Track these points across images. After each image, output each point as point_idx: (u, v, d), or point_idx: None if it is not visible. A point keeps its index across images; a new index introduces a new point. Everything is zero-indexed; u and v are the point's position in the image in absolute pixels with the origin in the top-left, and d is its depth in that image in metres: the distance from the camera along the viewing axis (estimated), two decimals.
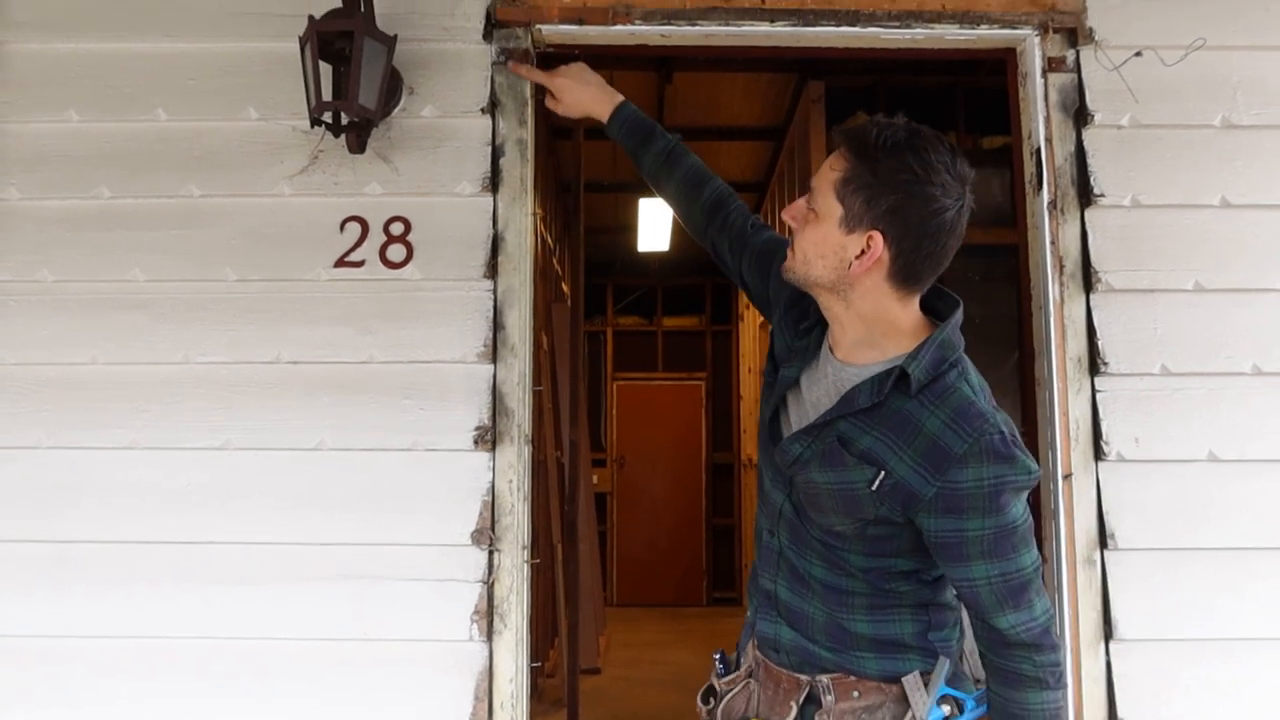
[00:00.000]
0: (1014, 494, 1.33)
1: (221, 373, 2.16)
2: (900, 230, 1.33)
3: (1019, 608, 1.34)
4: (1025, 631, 1.34)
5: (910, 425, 1.34)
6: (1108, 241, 2.18)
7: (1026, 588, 1.34)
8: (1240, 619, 2.09)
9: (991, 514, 1.32)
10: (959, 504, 1.32)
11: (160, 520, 2.13)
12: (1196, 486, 2.12)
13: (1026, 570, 1.34)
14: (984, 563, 1.33)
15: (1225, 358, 2.15)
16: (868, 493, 1.36)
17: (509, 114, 2.21)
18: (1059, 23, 2.23)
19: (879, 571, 1.43)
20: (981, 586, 1.34)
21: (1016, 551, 1.34)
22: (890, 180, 1.31)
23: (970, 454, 1.30)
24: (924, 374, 1.34)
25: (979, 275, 4.65)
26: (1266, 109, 2.23)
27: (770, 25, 2.23)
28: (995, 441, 1.31)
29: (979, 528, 1.32)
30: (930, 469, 1.32)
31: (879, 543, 1.41)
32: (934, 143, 1.34)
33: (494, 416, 2.13)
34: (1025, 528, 1.35)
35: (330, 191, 2.20)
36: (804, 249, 1.40)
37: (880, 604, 1.44)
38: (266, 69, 2.22)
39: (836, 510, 1.40)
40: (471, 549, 2.10)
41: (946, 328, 1.38)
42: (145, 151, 2.22)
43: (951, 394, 1.35)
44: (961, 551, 1.34)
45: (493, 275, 2.16)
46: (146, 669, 2.09)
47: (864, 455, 1.36)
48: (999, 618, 1.34)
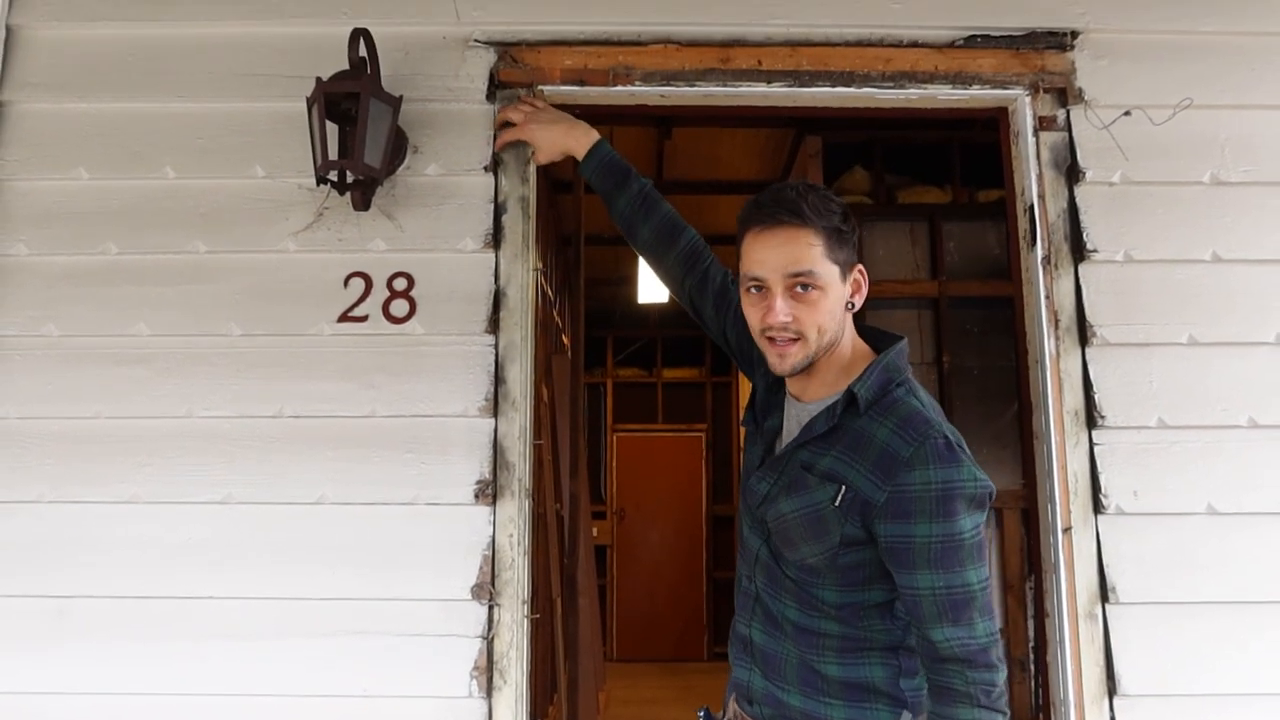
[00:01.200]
0: (964, 502, 1.35)
1: (224, 427, 2.17)
2: (859, 252, 1.50)
3: (958, 623, 1.35)
4: (960, 647, 1.35)
5: (863, 439, 1.41)
6: (1102, 296, 2.21)
7: (969, 604, 1.36)
8: (1245, 674, 2.08)
9: (939, 519, 1.35)
10: (907, 508, 1.36)
11: (160, 575, 2.12)
12: (1196, 539, 2.12)
13: (972, 587, 1.36)
14: (929, 572, 1.36)
15: (1221, 410, 2.17)
16: (832, 510, 1.41)
17: (511, 172, 2.25)
18: (1049, 83, 2.28)
19: (852, 608, 1.45)
20: (924, 595, 1.36)
21: (963, 566, 1.36)
22: (846, 224, 1.48)
23: (916, 457, 1.36)
24: (870, 393, 1.43)
25: (976, 327, 4.68)
26: (1254, 166, 2.28)
27: (767, 86, 2.29)
28: (940, 445, 1.36)
29: (926, 534, 1.35)
30: (881, 475, 1.38)
31: (850, 572, 1.44)
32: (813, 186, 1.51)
33: (495, 470, 2.14)
34: (974, 544, 1.37)
35: (335, 248, 2.23)
36: (818, 324, 1.47)
37: (851, 646, 1.46)
38: (273, 128, 2.27)
39: (806, 538, 1.45)
40: (472, 604, 2.09)
41: (890, 353, 1.48)
42: (153, 208, 2.26)
43: (899, 405, 1.43)
44: (909, 558, 1.37)
45: (494, 330, 2.19)
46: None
47: (825, 474, 1.43)
48: (935, 629, 1.36)
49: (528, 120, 2.12)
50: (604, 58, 2.28)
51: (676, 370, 8.49)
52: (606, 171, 2.00)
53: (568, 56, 2.28)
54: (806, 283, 1.45)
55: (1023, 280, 2.28)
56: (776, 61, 2.28)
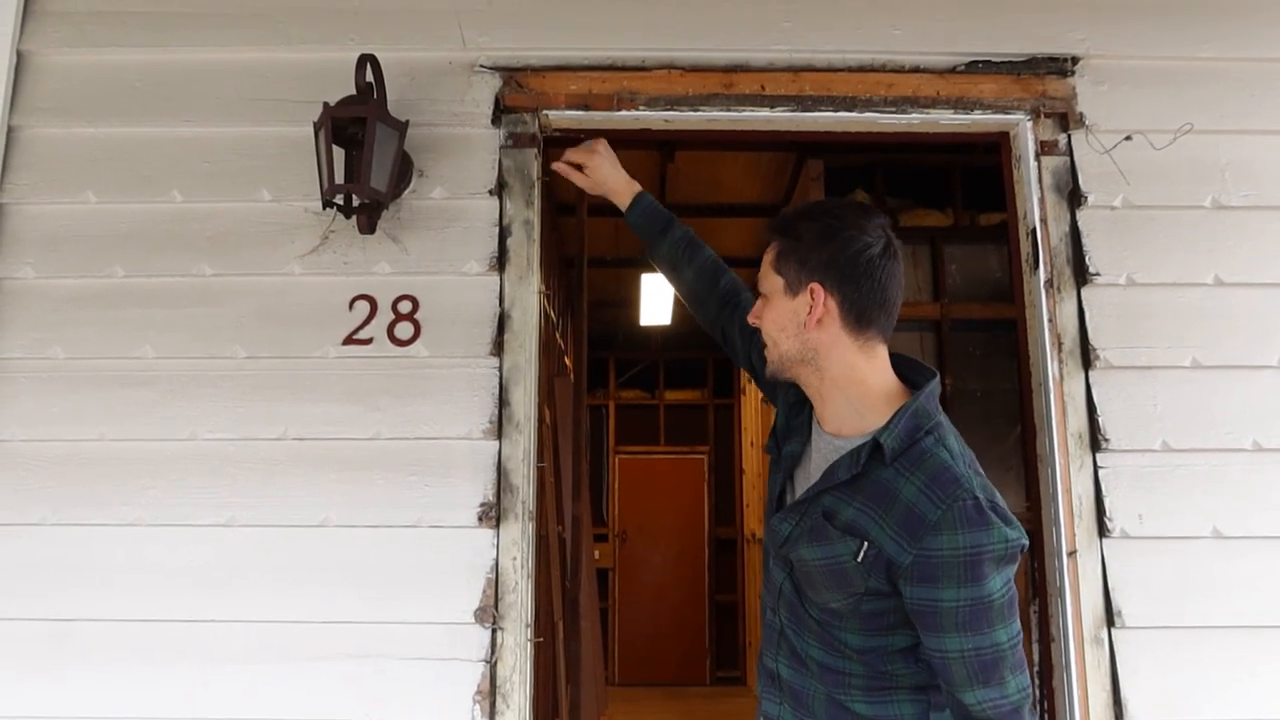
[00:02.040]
0: (993, 564, 1.31)
1: (228, 449, 2.17)
2: (836, 276, 1.43)
3: (988, 684, 1.32)
4: (992, 709, 1.32)
5: (888, 494, 1.36)
6: (1105, 319, 2.22)
7: (999, 664, 1.32)
8: (1254, 700, 2.06)
9: (967, 584, 1.31)
10: (934, 573, 1.32)
11: (162, 598, 2.12)
12: (1202, 563, 2.12)
13: (1002, 646, 1.32)
14: (957, 635, 1.32)
15: (1225, 434, 2.17)
16: (854, 565, 1.37)
17: (516, 195, 2.26)
18: (1050, 108, 2.30)
19: (877, 652, 1.42)
20: (954, 659, 1.33)
21: (992, 626, 1.32)
22: (812, 239, 1.44)
23: (944, 521, 1.31)
24: (897, 442, 1.38)
25: (979, 350, 4.68)
26: (1255, 190, 2.29)
27: (770, 111, 2.30)
28: (969, 508, 1.31)
29: (954, 599, 1.31)
30: (907, 537, 1.33)
31: (874, 619, 1.41)
32: (843, 202, 1.50)
33: (499, 493, 2.14)
34: (1004, 601, 1.33)
35: (340, 271, 2.24)
36: (768, 333, 1.51)
37: (878, 685, 1.42)
38: (280, 152, 2.29)
39: (828, 587, 1.41)
40: (475, 627, 2.08)
41: (920, 396, 1.43)
42: (160, 232, 2.27)
43: (927, 459, 1.37)
44: (936, 622, 1.33)
45: (499, 353, 2.19)
46: None
47: (847, 527, 1.39)
48: (966, 692, 1.33)
49: (599, 153, 2.11)
50: (608, 83, 2.30)
51: (679, 392, 8.49)
52: (652, 218, 2.03)
53: (572, 82, 2.30)
54: (757, 288, 1.53)
55: (1025, 303, 2.29)
56: (779, 86, 2.30)
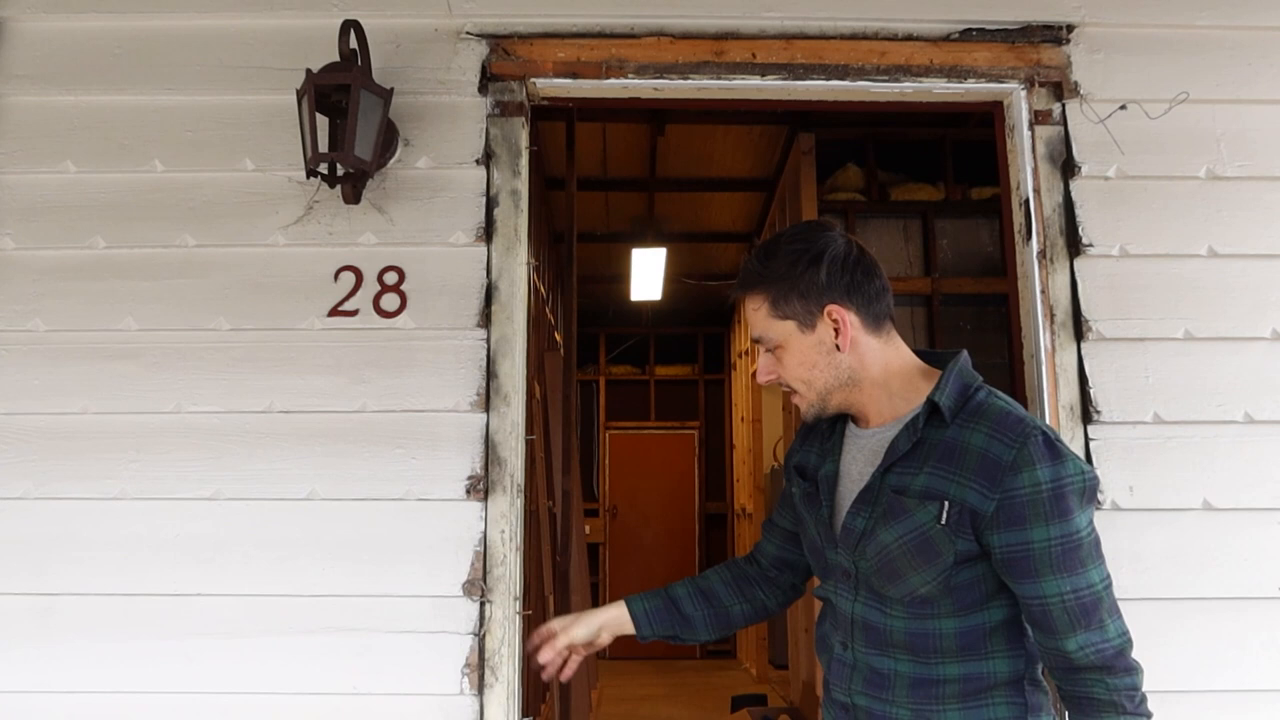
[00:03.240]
0: (1076, 497, 1.30)
1: (213, 422, 2.15)
2: (841, 289, 1.42)
3: (1089, 627, 1.30)
4: (1096, 654, 1.30)
5: (957, 449, 1.36)
6: (1097, 291, 2.20)
7: (1098, 605, 1.30)
8: (1245, 671, 2.07)
9: (1055, 520, 1.29)
10: (1021, 513, 1.30)
11: (148, 572, 2.10)
12: (1193, 536, 2.11)
13: (1097, 587, 1.31)
14: (1054, 577, 1.30)
15: (1217, 406, 2.16)
16: (939, 530, 1.35)
17: (503, 165, 2.23)
18: (1045, 77, 2.27)
19: (974, 634, 1.38)
20: (1053, 603, 1.30)
21: (1085, 566, 1.31)
22: (793, 271, 1.43)
23: (1021, 459, 1.30)
24: (952, 400, 1.39)
25: (970, 324, 4.68)
26: (1250, 161, 2.27)
27: (761, 79, 2.27)
28: (1041, 444, 1.31)
29: (1044, 538, 1.30)
30: (986, 483, 1.32)
31: (966, 592, 1.37)
32: (788, 230, 1.49)
33: (486, 466, 2.12)
34: (1092, 540, 1.32)
35: (325, 241, 2.21)
36: (798, 380, 1.47)
37: (973, 689, 1.38)
38: (263, 121, 2.25)
39: (916, 566, 1.37)
40: (463, 600, 2.07)
41: (959, 361, 1.44)
42: (141, 202, 2.23)
43: (986, 408, 1.37)
44: (1029, 566, 1.31)
45: (486, 324, 2.17)
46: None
47: (923, 493, 1.37)
48: (1069, 639, 1.30)
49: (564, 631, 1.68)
50: (597, 50, 2.27)
51: (669, 368, 8.48)
52: (663, 620, 1.69)
53: (560, 49, 2.27)
54: (766, 346, 1.49)
55: (1018, 275, 2.27)
56: (770, 55, 2.26)
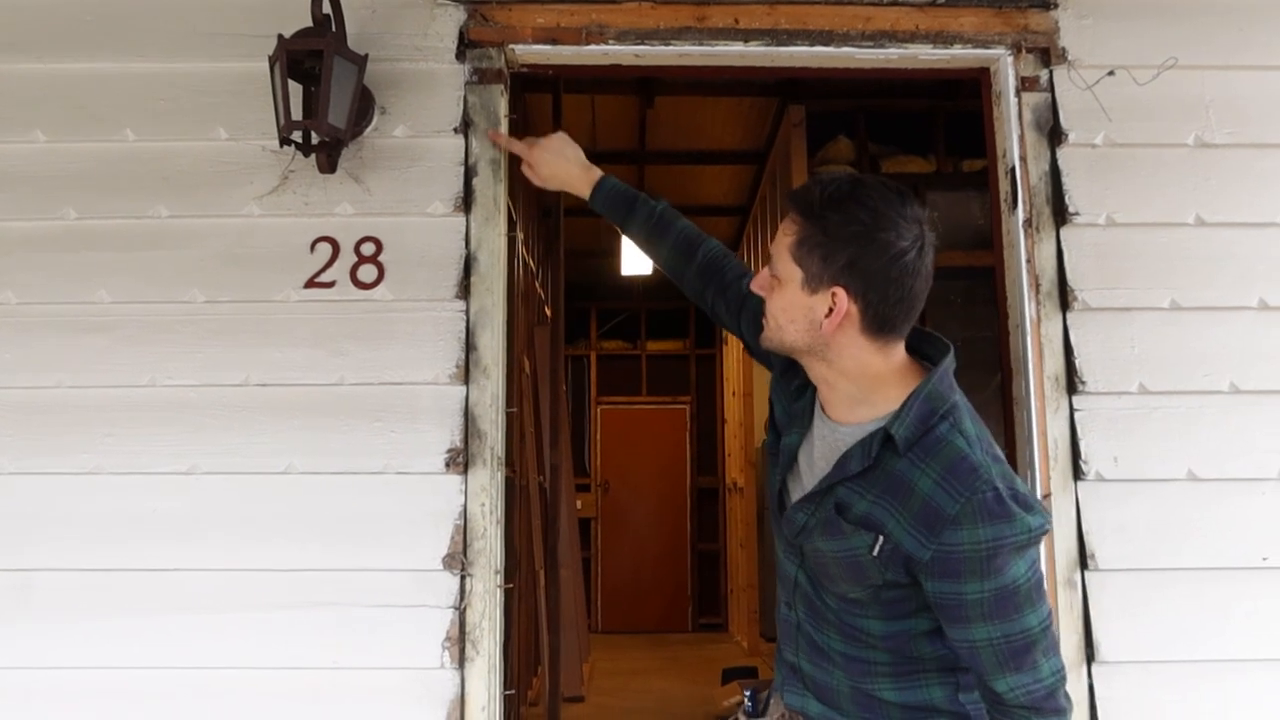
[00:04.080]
0: (1014, 553, 1.27)
1: (189, 396, 2.12)
2: (862, 282, 1.31)
3: (1020, 669, 1.28)
4: (1026, 694, 1.28)
5: (903, 486, 1.30)
6: (1084, 260, 2.17)
7: (1031, 649, 1.28)
8: (1225, 640, 2.06)
9: (990, 576, 1.26)
10: (955, 568, 1.27)
11: (124, 547, 2.08)
12: (1177, 506, 2.10)
13: (1032, 631, 1.28)
14: (984, 624, 1.28)
15: (1203, 376, 2.14)
16: (870, 559, 1.32)
17: (482, 134, 2.19)
18: (1032, 42, 2.24)
19: (901, 636, 1.38)
20: (982, 648, 1.29)
21: (1020, 612, 1.28)
22: (841, 234, 1.30)
23: (964, 515, 1.25)
24: (909, 431, 1.31)
25: (960, 298, 4.65)
26: (1240, 128, 2.24)
27: (744, 45, 2.23)
28: (989, 500, 1.25)
29: (977, 590, 1.27)
30: (925, 531, 1.28)
31: (895, 605, 1.36)
32: (879, 189, 1.33)
33: (466, 439, 2.10)
34: (1029, 585, 1.28)
35: (301, 212, 2.17)
36: (774, 316, 1.40)
37: (905, 670, 1.39)
38: (237, 89, 2.20)
39: (844, 578, 1.37)
40: (443, 574, 2.05)
41: (932, 378, 1.34)
42: (113, 172, 2.19)
43: (943, 448, 1.30)
44: (961, 614, 1.29)
45: (465, 296, 2.14)
46: (108, 701, 2.03)
47: (862, 521, 1.33)
48: (998, 679, 1.29)
49: (543, 145, 1.97)
50: (577, 16, 2.22)
51: (660, 342, 8.46)
52: (616, 203, 1.87)
53: (539, 14, 2.22)
54: (770, 266, 1.39)
55: (1004, 244, 2.25)
56: (754, 20, 2.22)
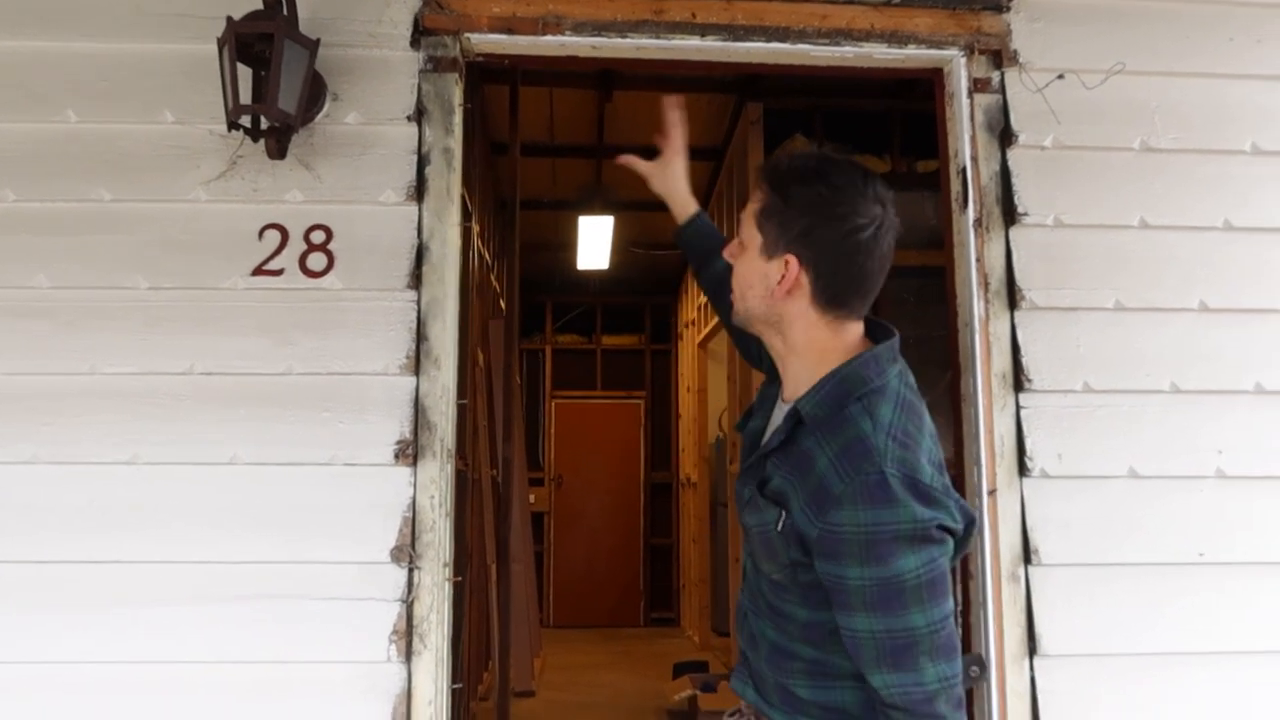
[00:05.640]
0: (902, 544, 1.22)
1: (131, 384, 2.07)
2: (814, 252, 1.34)
3: (899, 668, 1.23)
4: (901, 695, 1.23)
5: (806, 463, 1.30)
6: (1032, 260, 2.21)
7: (912, 648, 1.22)
8: (1163, 634, 2.11)
9: (870, 563, 1.22)
10: (837, 549, 1.24)
11: (62, 539, 2.03)
12: (1118, 503, 2.14)
13: (917, 630, 1.22)
14: (866, 615, 1.24)
15: (1145, 375, 2.18)
16: (776, 534, 1.32)
17: (436, 122, 2.17)
18: (984, 44, 2.26)
19: (819, 628, 1.35)
20: (864, 639, 1.25)
21: (906, 608, 1.22)
22: (800, 205, 1.35)
23: (845, 496, 1.23)
24: (817, 409, 1.31)
25: (913, 297, 4.70)
26: (1184, 134, 2.29)
27: (701, 40, 2.23)
28: (872, 483, 1.22)
29: (859, 576, 1.23)
30: (815, 509, 1.26)
31: (811, 591, 1.34)
32: (844, 167, 1.37)
33: (416, 430, 2.07)
34: (919, 583, 1.22)
35: (249, 198, 2.13)
36: (738, 283, 1.43)
37: (820, 672, 1.36)
38: (184, 71, 2.16)
39: (765, 556, 1.37)
40: (390, 567, 2.03)
41: (855, 361, 1.34)
42: (54, 154, 2.13)
43: (845, 428, 1.28)
44: (845, 599, 1.25)
45: (417, 286, 2.12)
46: (43, 696, 1.99)
47: (774, 496, 1.34)
48: (874, 674, 1.25)
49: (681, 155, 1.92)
50: (533, 6, 2.21)
51: (616, 337, 8.45)
52: (703, 235, 1.88)
53: (495, 4, 2.20)
54: (738, 233, 1.43)
55: (954, 243, 2.27)
56: (711, 14, 2.22)
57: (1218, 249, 2.24)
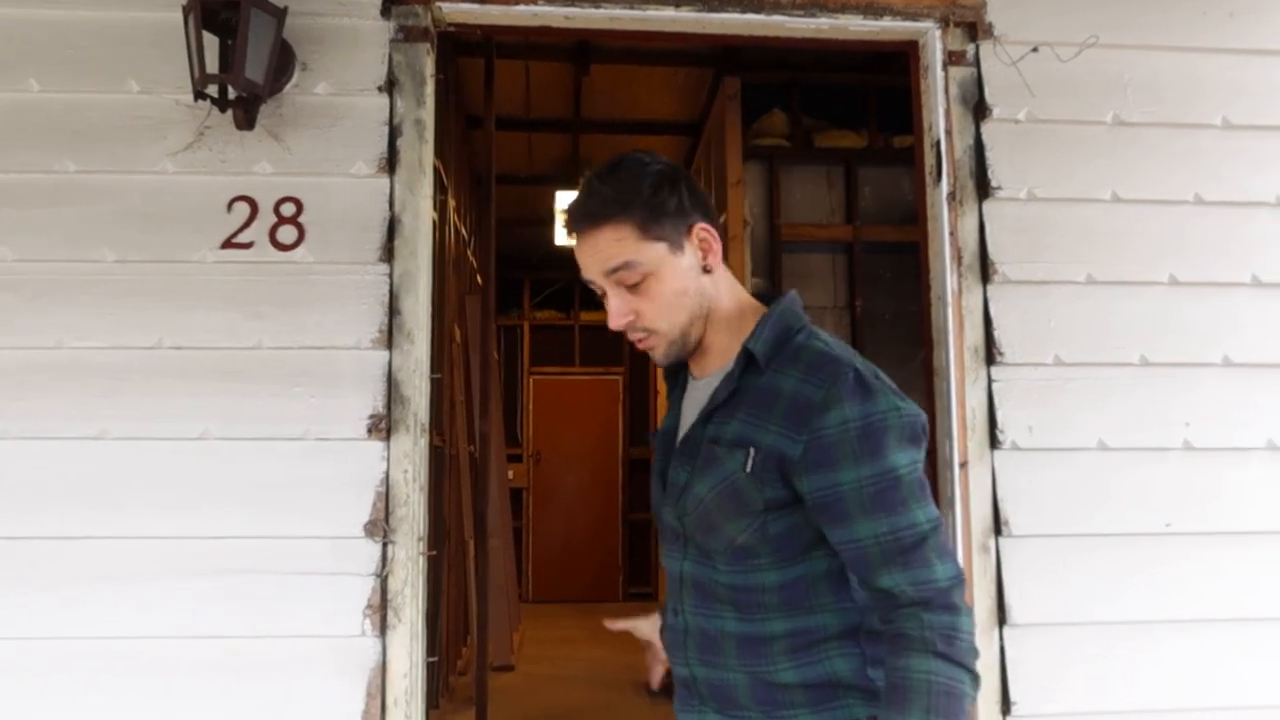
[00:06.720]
0: (890, 435, 1.21)
1: (98, 358, 2.05)
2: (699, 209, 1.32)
3: (909, 565, 1.18)
4: (915, 590, 1.18)
5: (769, 395, 1.28)
6: (1005, 233, 2.22)
7: (921, 545, 1.19)
8: (1132, 603, 2.14)
9: (866, 459, 1.20)
10: (829, 454, 1.21)
11: (32, 514, 2.01)
12: (1087, 474, 2.17)
13: (921, 526, 1.19)
14: (867, 519, 1.20)
15: (1114, 348, 2.20)
16: (745, 478, 1.27)
17: (407, 93, 2.14)
18: (960, 17, 2.26)
19: (798, 586, 1.28)
20: (869, 546, 1.20)
21: (906, 505, 1.20)
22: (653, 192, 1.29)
23: (830, 398, 1.22)
24: (766, 346, 1.31)
25: (889, 272, 4.73)
26: (1156, 107, 2.30)
27: (675, 10, 2.21)
28: (852, 380, 1.23)
29: (855, 478, 1.20)
30: (794, 426, 1.24)
31: (786, 542, 1.28)
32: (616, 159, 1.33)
33: (389, 404, 2.06)
34: (913, 480, 1.21)
35: (217, 170, 2.10)
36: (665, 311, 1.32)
37: (803, 644, 1.28)
38: (150, 40, 2.12)
39: (729, 514, 1.29)
40: (364, 541, 2.03)
41: (781, 303, 1.35)
42: (17, 124, 2.10)
43: (802, 352, 1.30)
44: (842, 510, 1.21)
45: (389, 259, 2.10)
46: (16, 674, 1.97)
47: (734, 441, 1.29)
48: (885, 576, 1.19)
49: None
50: None
51: (594, 313, 8.42)
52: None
53: None
54: (629, 276, 1.31)
55: (928, 217, 2.28)
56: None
57: (1188, 223, 2.26)
